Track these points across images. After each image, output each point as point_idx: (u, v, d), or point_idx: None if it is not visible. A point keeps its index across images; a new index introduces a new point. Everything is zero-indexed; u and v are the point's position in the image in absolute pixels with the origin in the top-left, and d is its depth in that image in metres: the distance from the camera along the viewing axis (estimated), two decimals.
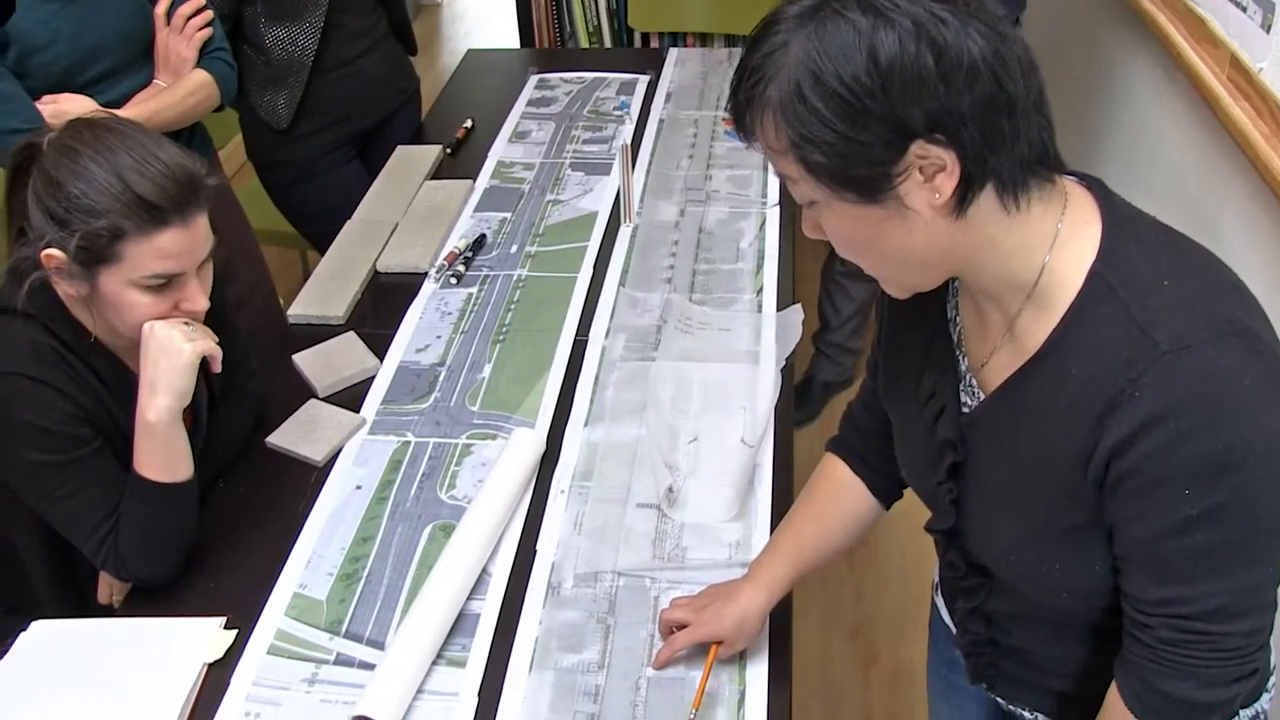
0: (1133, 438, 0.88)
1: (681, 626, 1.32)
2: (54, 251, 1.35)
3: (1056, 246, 0.94)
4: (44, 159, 1.36)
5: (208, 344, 1.43)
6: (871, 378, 1.30)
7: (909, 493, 1.34)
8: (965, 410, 1.07)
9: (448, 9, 5.93)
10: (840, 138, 0.86)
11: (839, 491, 1.35)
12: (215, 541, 1.54)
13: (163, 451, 1.43)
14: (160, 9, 1.93)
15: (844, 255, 0.99)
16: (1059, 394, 0.95)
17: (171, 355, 1.40)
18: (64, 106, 1.78)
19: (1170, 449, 0.87)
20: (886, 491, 1.33)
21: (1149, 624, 0.96)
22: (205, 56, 1.98)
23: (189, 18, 1.95)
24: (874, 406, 1.30)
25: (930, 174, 0.88)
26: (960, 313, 1.09)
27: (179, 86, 1.94)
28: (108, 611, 1.57)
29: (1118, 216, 0.95)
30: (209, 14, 1.98)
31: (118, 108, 1.85)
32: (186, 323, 1.43)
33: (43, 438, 1.39)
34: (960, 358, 1.08)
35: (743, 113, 0.92)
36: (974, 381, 1.06)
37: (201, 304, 1.44)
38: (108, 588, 1.59)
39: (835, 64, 0.84)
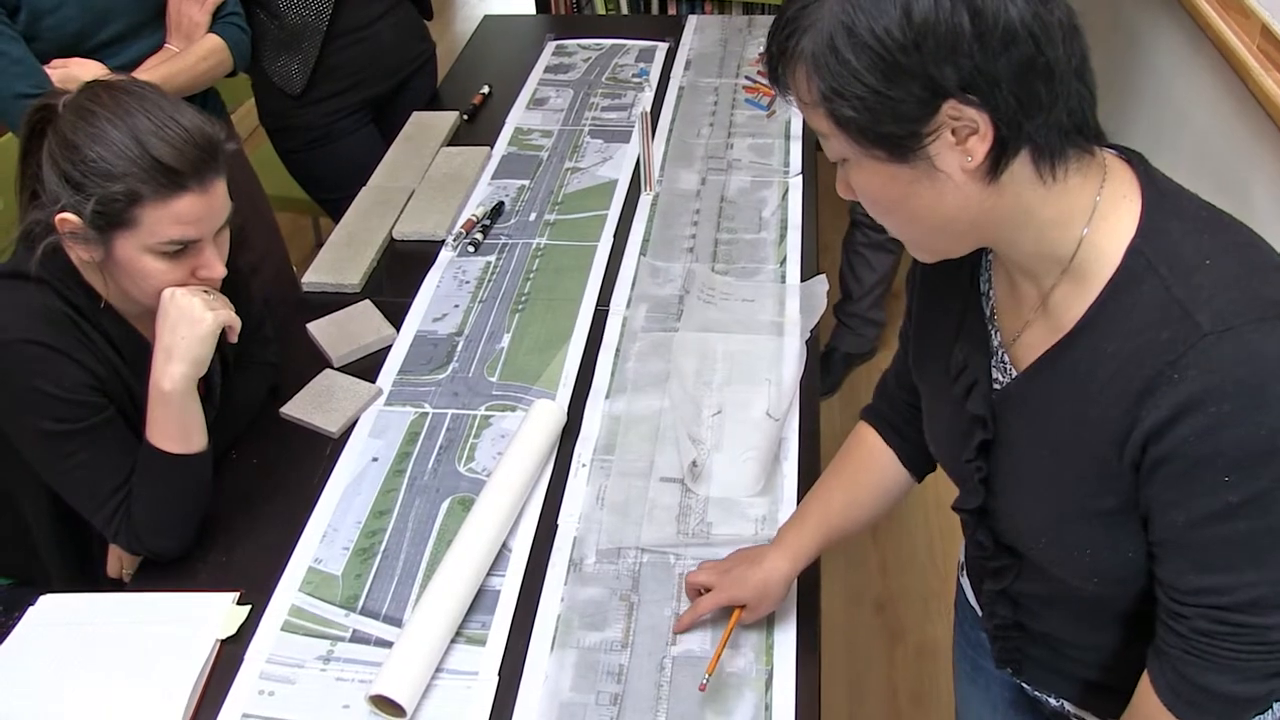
0: (1172, 420, 0.85)
1: (707, 590, 1.30)
2: (69, 215, 1.31)
3: (1095, 220, 0.91)
4: (60, 121, 1.32)
5: (228, 313, 1.40)
6: (903, 349, 1.27)
7: (935, 471, 1.31)
8: (997, 386, 1.04)
9: None
10: (870, 92, 0.84)
11: (870, 461, 1.32)
12: (227, 514, 1.51)
13: (177, 421, 1.40)
14: None
15: (873, 216, 0.96)
16: (1094, 372, 0.91)
17: (192, 323, 1.36)
18: (74, 71, 1.74)
19: (1211, 433, 0.83)
20: (918, 463, 1.30)
21: (1185, 614, 0.92)
22: (218, 21, 1.94)
23: None
24: (906, 378, 1.26)
25: (963, 136, 0.85)
26: (993, 286, 1.05)
27: (191, 51, 1.90)
28: (117, 585, 1.54)
29: (1158, 191, 0.92)
30: None
31: (129, 71, 1.81)
32: (206, 290, 1.40)
33: (54, 405, 1.36)
34: (993, 332, 1.05)
35: (776, 64, 0.90)
36: (1006, 357, 1.03)
37: (219, 271, 1.40)
38: (117, 561, 1.56)
39: (869, 17, 0.82)
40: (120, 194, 1.29)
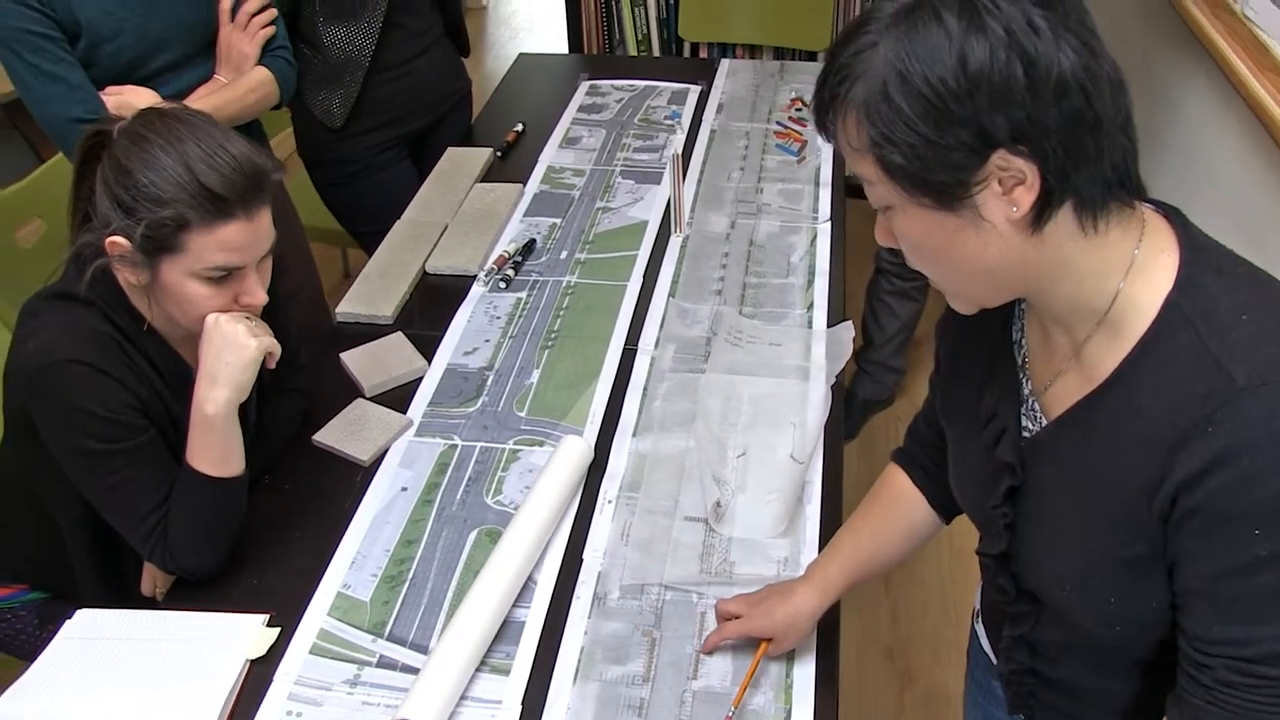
0: (1204, 473, 0.86)
1: (736, 618, 1.33)
2: (119, 239, 1.35)
3: (1132, 273, 0.93)
4: (114, 146, 1.36)
5: (270, 340, 1.44)
6: (933, 394, 1.29)
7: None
8: (1026, 434, 1.06)
9: (493, 11, 5.95)
10: (921, 140, 0.85)
11: (899, 501, 1.34)
12: (259, 538, 1.54)
13: (217, 445, 1.43)
14: (225, 4, 1.94)
15: (914, 263, 0.98)
16: (1127, 423, 0.93)
17: (236, 349, 1.40)
18: (128, 98, 1.79)
19: (1243, 486, 0.85)
20: (946, 505, 1.32)
21: (1208, 664, 0.93)
22: (267, 54, 1.99)
23: (253, 15, 1.95)
24: (935, 423, 1.29)
25: (1009, 186, 0.87)
26: (1026, 335, 1.07)
27: (240, 83, 1.95)
28: (150, 603, 1.57)
29: (1196, 247, 0.94)
30: (273, 12, 1.99)
31: (179, 100, 1.85)
32: (248, 317, 1.44)
33: (98, 425, 1.39)
34: (1024, 381, 1.07)
35: (826, 109, 0.92)
36: (1036, 405, 1.05)
37: (260, 298, 1.44)
38: (151, 579, 1.59)
39: (923, 65, 0.84)
40: (169, 219, 1.33)
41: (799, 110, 2.62)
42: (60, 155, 2.33)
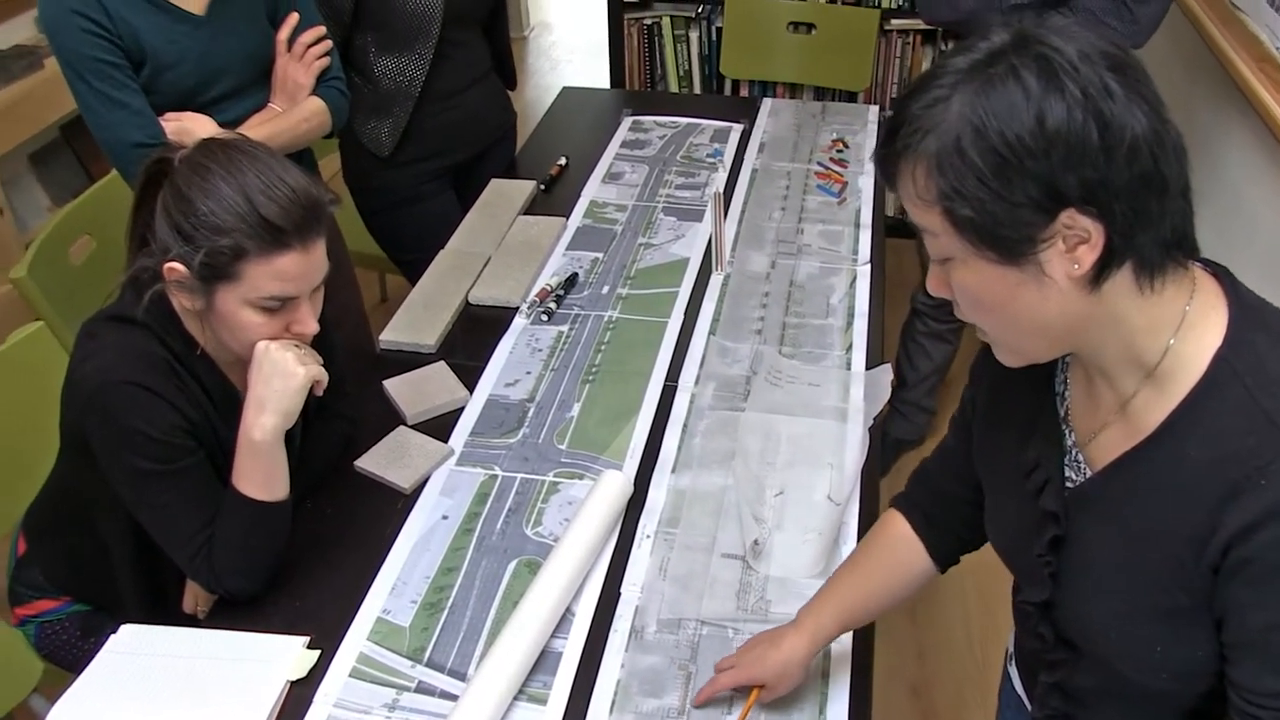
0: (1257, 525, 0.88)
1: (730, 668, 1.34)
2: (176, 265, 1.38)
3: (1183, 329, 0.94)
4: (175, 175, 1.39)
5: (319, 369, 1.46)
6: (958, 440, 1.30)
7: (976, 554, 1.34)
8: (1070, 485, 1.07)
9: (533, 42, 6.02)
10: (992, 195, 0.87)
11: (897, 549, 1.35)
12: (301, 561, 1.56)
13: (264, 470, 1.45)
14: (282, 35, 1.98)
15: (968, 315, 0.99)
16: (1174, 475, 0.94)
17: (286, 377, 1.42)
18: (187, 124, 1.83)
19: None
20: (945, 555, 1.33)
21: (1259, 715, 0.94)
22: (321, 84, 2.03)
23: (309, 46, 1.99)
24: (954, 468, 1.29)
25: (1073, 244, 0.88)
26: (1069, 387, 1.09)
27: (294, 111, 1.99)
28: (190, 620, 1.59)
29: (1245, 304, 0.95)
30: (328, 44, 2.03)
31: (235, 127, 1.89)
32: (298, 345, 1.46)
33: (150, 446, 1.42)
34: (1067, 432, 1.08)
35: (893, 160, 0.93)
36: (1080, 457, 1.06)
37: (312, 327, 1.46)
38: (193, 598, 1.61)
39: (1000, 121, 0.85)
40: (227, 248, 1.36)
41: (840, 151, 2.64)
42: (111, 175, 2.38)
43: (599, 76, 4.40)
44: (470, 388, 1.86)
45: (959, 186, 0.88)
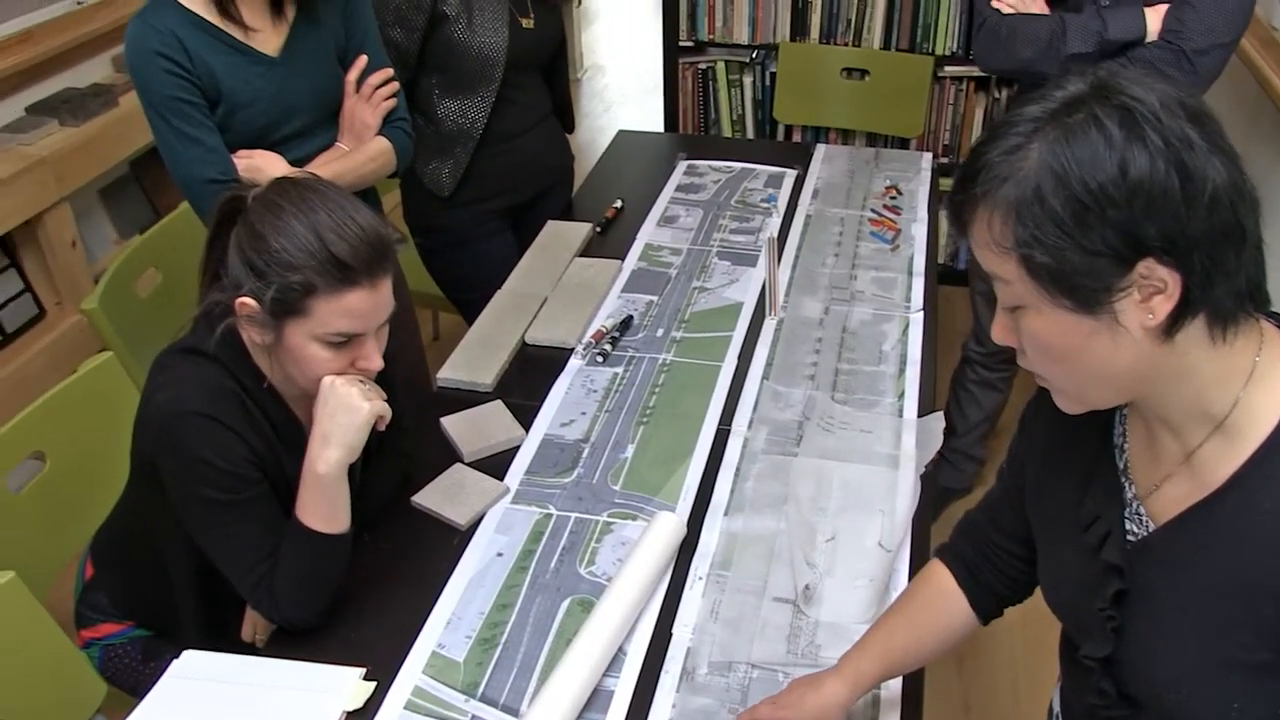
0: None
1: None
2: (248, 300, 1.42)
3: (1252, 381, 0.94)
4: (249, 212, 1.44)
5: (383, 405, 1.49)
6: (1006, 492, 1.30)
7: (1025, 605, 1.34)
8: (1131, 538, 1.06)
9: (586, 83, 6.09)
10: (1071, 243, 0.88)
11: (939, 600, 1.35)
12: (358, 593, 1.59)
13: (326, 503, 1.48)
14: (351, 76, 2.03)
15: (1033, 363, 1.00)
16: (1247, 529, 0.94)
17: (350, 412, 1.46)
18: (257, 161, 1.89)
19: None
20: (987, 608, 1.33)
21: None
22: (387, 125, 2.08)
23: (377, 87, 2.04)
24: (1002, 520, 1.29)
25: (1148, 294, 0.89)
26: (1128, 438, 1.09)
27: (361, 151, 2.04)
28: (249, 648, 1.62)
29: None
30: (396, 86, 2.08)
31: (303, 165, 1.95)
32: (362, 381, 1.50)
33: (218, 476, 1.45)
34: (1126, 484, 1.08)
35: (969, 206, 0.94)
36: (1141, 509, 1.06)
37: (376, 363, 1.50)
38: (251, 625, 1.65)
39: (1083, 169, 0.86)
40: (297, 284, 1.40)
41: (894, 198, 2.66)
42: (178, 211, 2.45)
43: (651, 118, 4.45)
44: (526, 427, 1.89)
45: (1038, 234, 0.88)
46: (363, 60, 2.04)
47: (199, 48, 1.81)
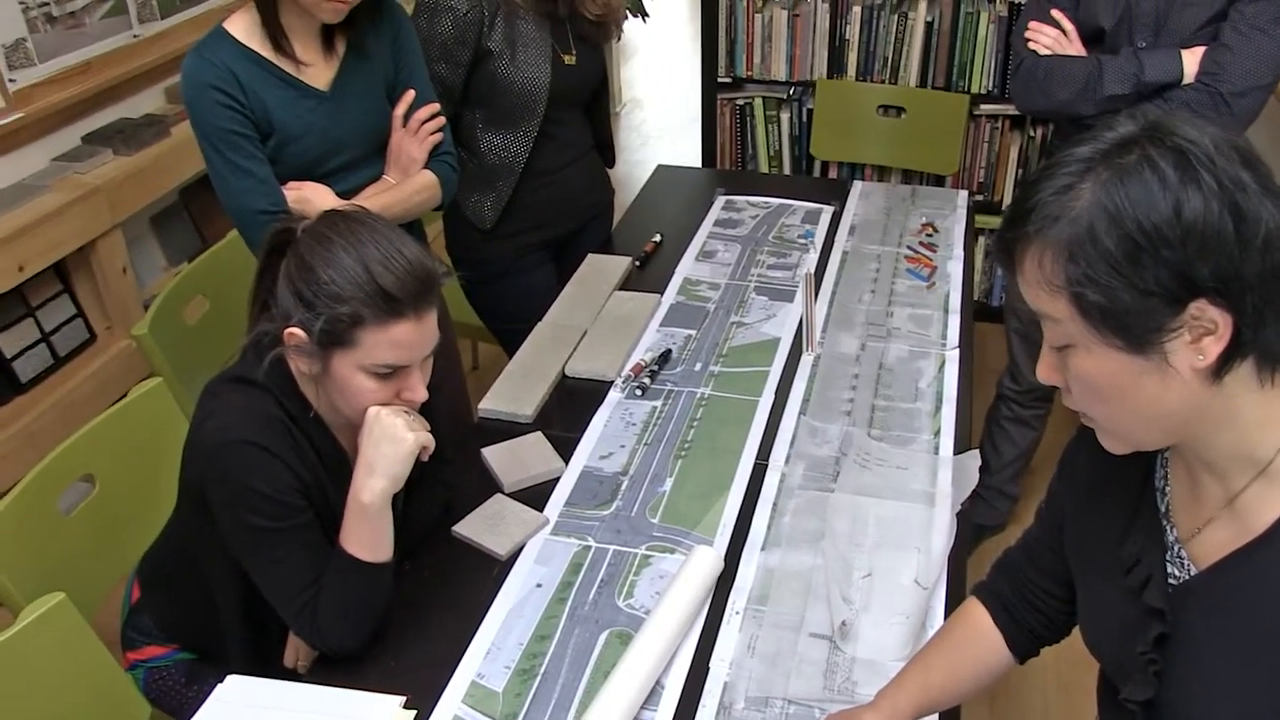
0: None
1: None
2: (297, 330, 1.45)
3: None
4: (299, 244, 1.47)
5: (427, 435, 1.52)
6: (1044, 532, 1.30)
7: (1058, 646, 1.34)
8: (1173, 581, 1.07)
9: (625, 118, 6.14)
10: (1124, 282, 0.89)
11: (975, 638, 1.35)
12: (398, 621, 1.61)
13: (370, 532, 1.51)
14: (399, 111, 2.07)
15: (1080, 403, 1.00)
16: None
17: (395, 442, 1.48)
18: (306, 193, 1.93)
19: None
20: (1024, 647, 1.33)
21: None
22: (433, 158, 2.12)
23: (424, 122, 2.08)
24: (1040, 560, 1.30)
25: (1198, 335, 0.89)
26: (1169, 481, 1.09)
27: (407, 184, 2.08)
28: (291, 674, 1.65)
29: None
30: (442, 120, 2.12)
31: (350, 197, 1.99)
32: (407, 411, 1.52)
33: (265, 503, 1.48)
34: (1168, 527, 1.08)
35: (1019, 245, 0.95)
36: (1183, 553, 1.06)
37: (421, 395, 1.53)
38: (294, 652, 1.67)
39: (1137, 209, 0.87)
40: (345, 315, 1.43)
41: (930, 235, 2.68)
42: (226, 239, 2.50)
43: (688, 152, 4.48)
44: (566, 459, 1.91)
45: (1091, 273, 0.89)
46: (410, 95, 2.08)
47: (253, 82, 1.86)
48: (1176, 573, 1.07)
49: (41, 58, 2.75)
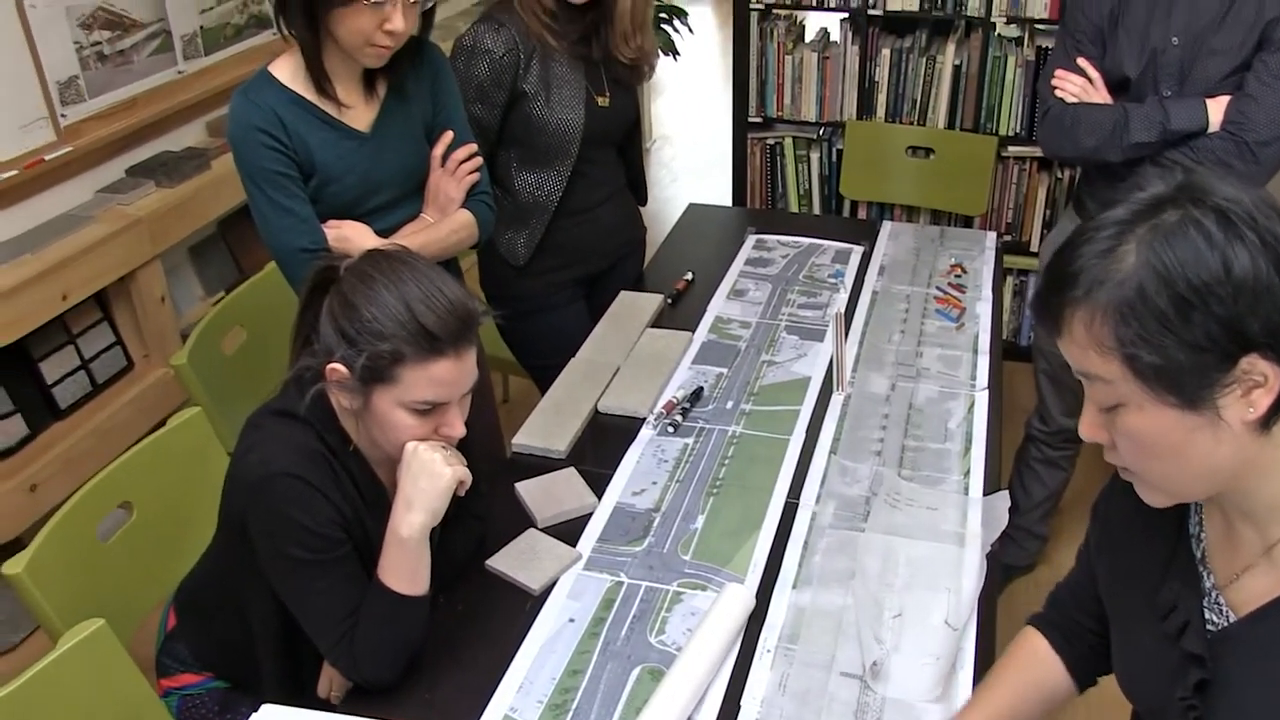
0: None
1: None
2: (339, 366, 1.48)
3: None
4: (342, 282, 1.51)
5: (465, 470, 1.54)
6: (1084, 576, 1.31)
7: (1097, 688, 1.35)
8: (1212, 627, 1.07)
9: (654, 154, 6.20)
10: (1177, 341, 0.90)
11: (1037, 665, 1.37)
12: (432, 654, 1.62)
13: (408, 565, 1.53)
14: (437, 152, 2.11)
15: (1126, 459, 1.01)
16: None
17: (433, 477, 1.51)
18: (346, 232, 1.97)
19: None
20: (1084, 674, 1.34)
21: None
22: (470, 198, 2.15)
23: (461, 162, 2.12)
24: (1085, 601, 1.30)
25: (1249, 388, 0.91)
26: (1204, 528, 1.10)
27: (445, 223, 2.11)
28: (325, 705, 1.67)
29: None
30: (479, 161, 2.16)
31: (388, 235, 2.03)
32: (444, 446, 1.55)
33: (306, 536, 1.51)
34: (1204, 574, 1.09)
35: (1065, 309, 0.97)
36: (1221, 599, 1.07)
37: (460, 431, 1.55)
38: (328, 683, 1.69)
39: (1187, 269, 0.89)
40: (387, 352, 1.46)
41: (959, 276, 2.69)
42: (264, 272, 2.55)
43: (717, 189, 4.52)
44: (598, 494, 1.93)
45: (1144, 333, 0.91)
46: (449, 136, 2.12)
47: (296, 124, 1.90)
48: (1215, 619, 1.08)
49: (91, 94, 2.82)
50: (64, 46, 2.73)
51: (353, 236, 1.96)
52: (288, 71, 1.93)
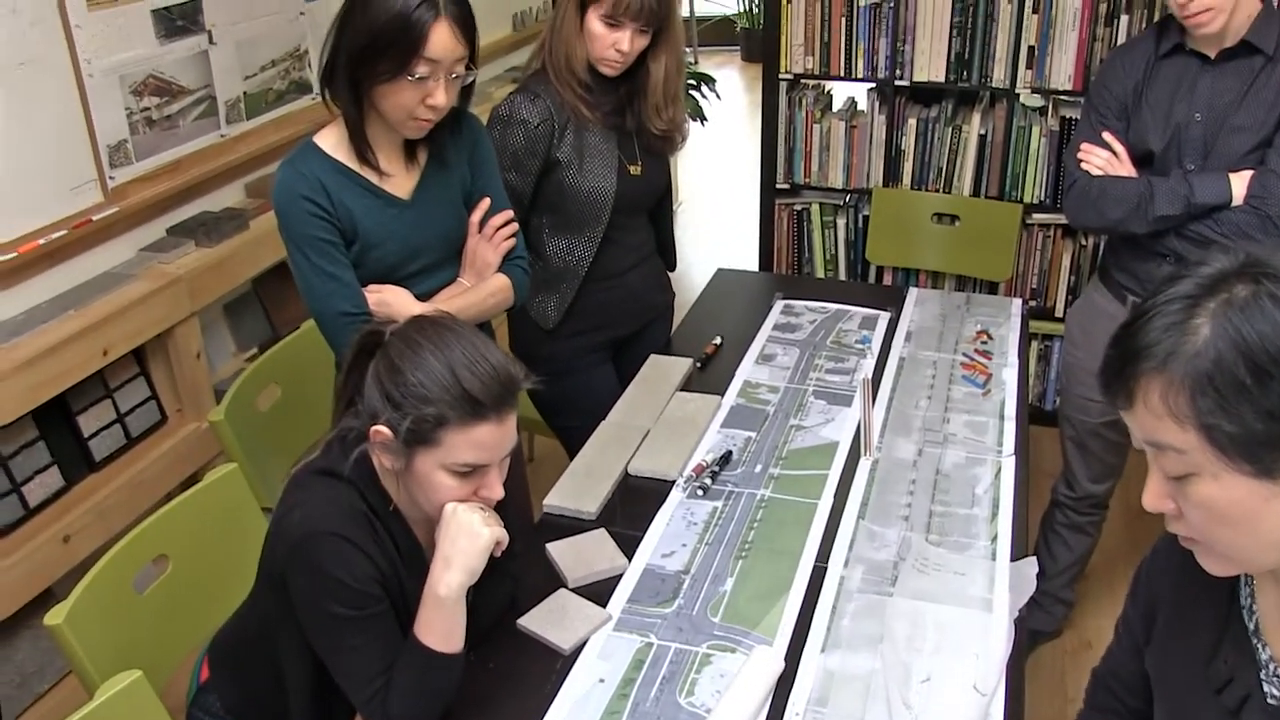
0: None
1: None
2: (383, 428, 1.52)
3: None
4: (388, 346, 1.55)
5: (502, 531, 1.57)
6: (1127, 648, 1.32)
7: None
8: (1273, 700, 1.07)
9: (679, 217, 6.26)
10: (1259, 411, 0.92)
11: None
12: (463, 711, 1.64)
13: (445, 623, 1.56)
14: (475, 218, 2.17)
15: (1196, 529, 1.02)
16: None
17: (471, 538, 1.54)
18: (386, 296, 2.02)
19: None
20: None
21: None
22: (507, 263, 2.20)
23: (498, 228, 2.18)
24: (1128, 679, 1.31)
25: None
26: (1258, 600, 1.11)
27: (481, 287, 2.16)
28: None
29: None
30: (515, 227, 2.21)
31: (427, 299, 2.08)
32: (482, 507, 1.58)
33: (346, 593, 1.54)
34: (1259, 646, 1.09)
35: (1140, 381, 0.98)
36: (1279, 672, 1.07)
37: (498, 493, 1.59)
38: None
39: (1265, 340, 0.91)
40: (431, 416, 1.50)
41: (985, 343, 2.72)
42: (299, 330, 2.61)
43: (743, 253, 4.57)
44: (628, 556, 1.96)
45: (1222, 404, 0.93)
46: (486, 202, 2.18)
47: (340, 192, 1.96)
48: (1275, 692, 1.08)
49: (139, 156, 2.90)
50: (116, 112, 2.82)
51: (393, 301, 2.01)
52: (331, 141, 1.99)
